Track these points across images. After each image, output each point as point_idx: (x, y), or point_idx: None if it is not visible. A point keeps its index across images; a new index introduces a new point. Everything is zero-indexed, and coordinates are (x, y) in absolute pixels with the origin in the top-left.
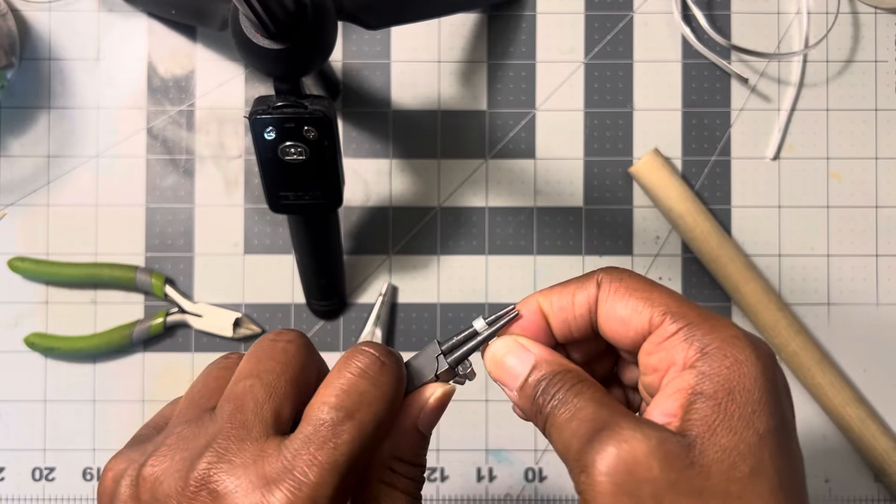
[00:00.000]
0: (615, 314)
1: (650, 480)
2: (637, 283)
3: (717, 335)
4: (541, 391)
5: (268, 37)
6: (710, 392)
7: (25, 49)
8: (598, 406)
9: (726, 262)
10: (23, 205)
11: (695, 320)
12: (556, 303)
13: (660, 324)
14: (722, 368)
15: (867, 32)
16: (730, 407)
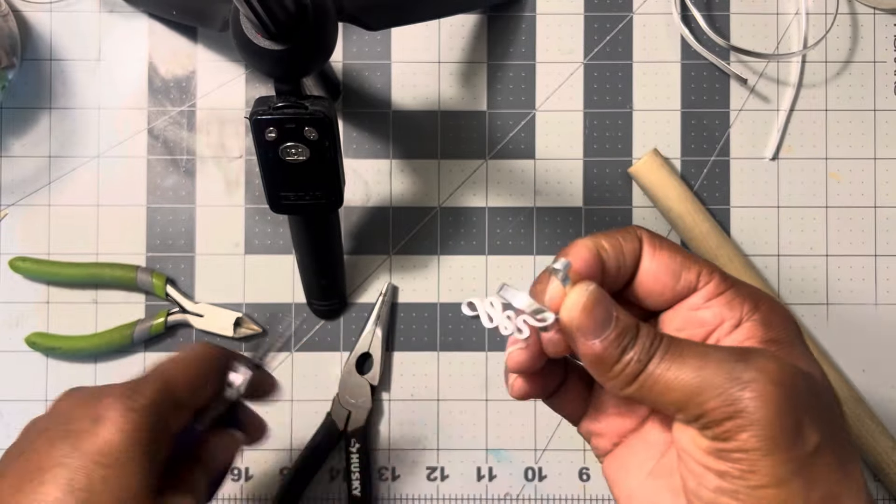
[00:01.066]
0: (664, 267)
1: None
2: (675, 245)
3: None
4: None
5: (268, 38)
6: (778, 338)
7: (27, 49)
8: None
9: (725, 262)
10: (24, 205)
11: (735, 281)
12: (610, 251)
13: (708, 281)
14: (779, 319)
15: (866, 33)
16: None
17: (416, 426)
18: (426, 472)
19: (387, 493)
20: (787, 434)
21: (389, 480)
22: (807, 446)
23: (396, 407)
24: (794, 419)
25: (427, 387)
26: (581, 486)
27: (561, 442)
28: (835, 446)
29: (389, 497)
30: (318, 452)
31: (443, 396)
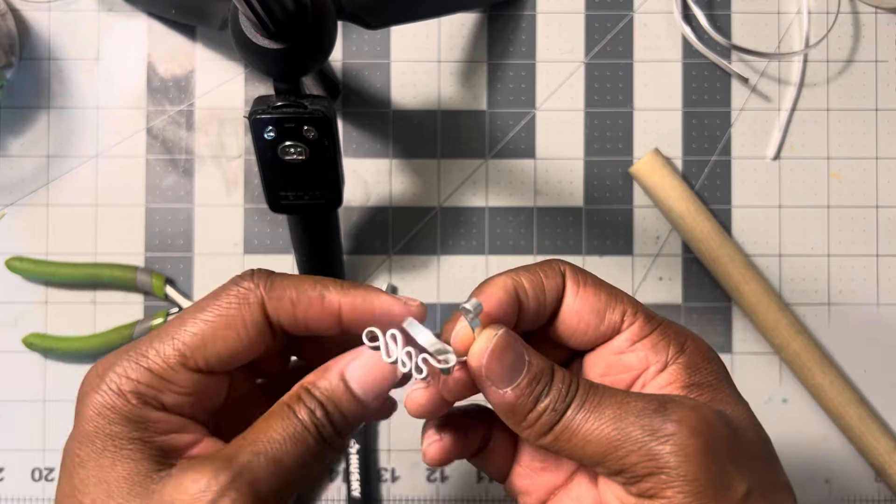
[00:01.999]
0: (588, 305)
1: (724, 440)
2: (599, 280)
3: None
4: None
5: (267, 36)
6: (702, 382)
7: (25, 49)
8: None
9: (726, 262)
10: (22, 205)
11: (661, 321)
12: (529, 289)
13: (633, 322)
14: (704, 361)
15: (868, 32)
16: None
17: (416, 427)
18: (426, 473)
19: (386, 494)
20: (713, 486)
21: (389, 481)
22: (735, 495)
23: None
24: (718, 469)
25: None
26: None
27: None
28: (765, 490)
29: (389, 498)
30: None
31: None
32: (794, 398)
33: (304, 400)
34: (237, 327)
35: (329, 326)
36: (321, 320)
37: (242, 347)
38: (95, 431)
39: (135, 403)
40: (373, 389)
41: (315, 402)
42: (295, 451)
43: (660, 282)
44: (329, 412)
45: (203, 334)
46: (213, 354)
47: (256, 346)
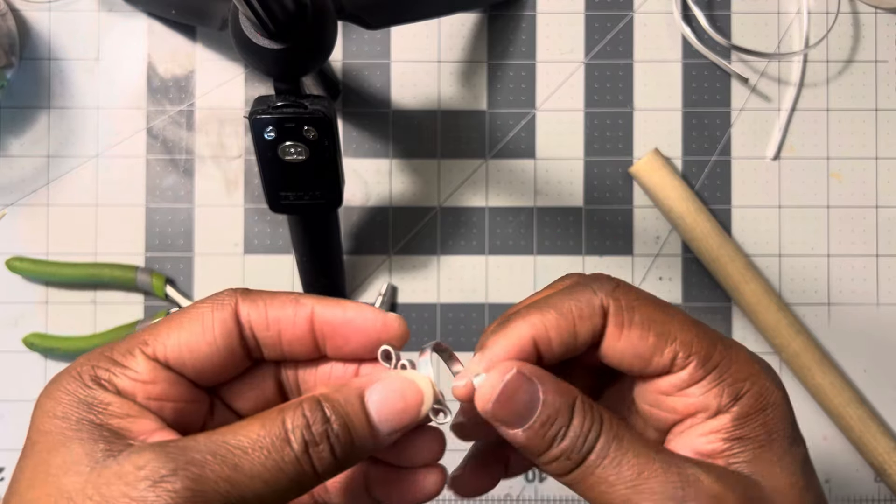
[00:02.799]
0: (632, 350)
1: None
2: (651, 311)
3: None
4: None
5: (268, 37)
6: (750, 436)
7: (25, 49)
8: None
9: (726, 263)
10: (22, 205)
11: (719, 361)
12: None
13: (683, 366)
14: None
15: (867, 32)
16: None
17: None
18: None
19: None
20: None
21: None
22: None
23: None
24: None
25: None
26: None
27: None
28: None
29: None
30: None
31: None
32: (794, 398)
33: (306, 409)
34: (203, 321)
35: (303, 336)
36: (294, 327)
37: (205, 344)
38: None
39: (89, 385)
40: (392, 420)
41: (320, 415)
42: (262, 463)
43: (660, 282)
44: (334, 431)
45: (169, 325)
46: (173, 344)
47: (223, 350)
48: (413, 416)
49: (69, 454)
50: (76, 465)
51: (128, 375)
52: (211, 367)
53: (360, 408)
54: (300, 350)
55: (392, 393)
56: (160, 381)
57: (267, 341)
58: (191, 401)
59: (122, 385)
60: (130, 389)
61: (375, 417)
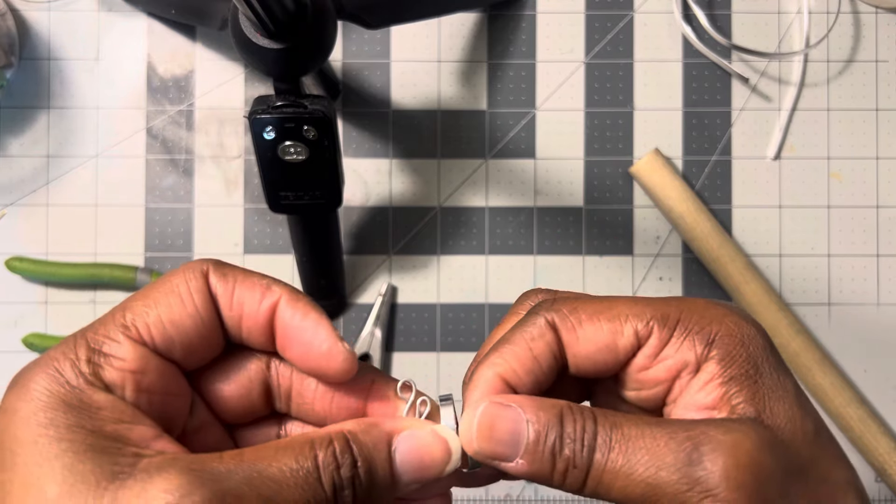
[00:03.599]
0: (594, 345)
1: (771, 476)
2: (593, 304)
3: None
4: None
5: (267, 36)
6: (740, 373)
7: (25, 49)
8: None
9: (727, 262)
10: (22, 205)
11: (679, 316)
12: (520, 369)
13: (648, 334)
14: (737, 347)
15: (868, 32)
16: (763, 380)
17: None
18: None
19: None
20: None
21: None
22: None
23: None
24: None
25: (427, 388)
26: None
27: None
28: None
29: None
30: None
31: None
32: None
33: (336, 447)
34: (180, 293)
35: (262, 326)
36: (256, 314)
37: (188, 317)
38: (24, 422)
39: (74, 382)
40: (416, 474)
41: (349, 459)
42: (294, 499)
43: (660, 282)
44: (358, 476)
45: (145, 302)
46: (155, 322)
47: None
48: (437, 474)
49: (68, 474)
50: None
51: (114, 365)
52: (198, 343)
53: (386, 456)
54: (257, 339)
55: (421, 448)
56: (150, 370)
57: (229, 322)
58: (177, 394)
59: (110, 377)
60: (119, 381)
61: (399, 468)
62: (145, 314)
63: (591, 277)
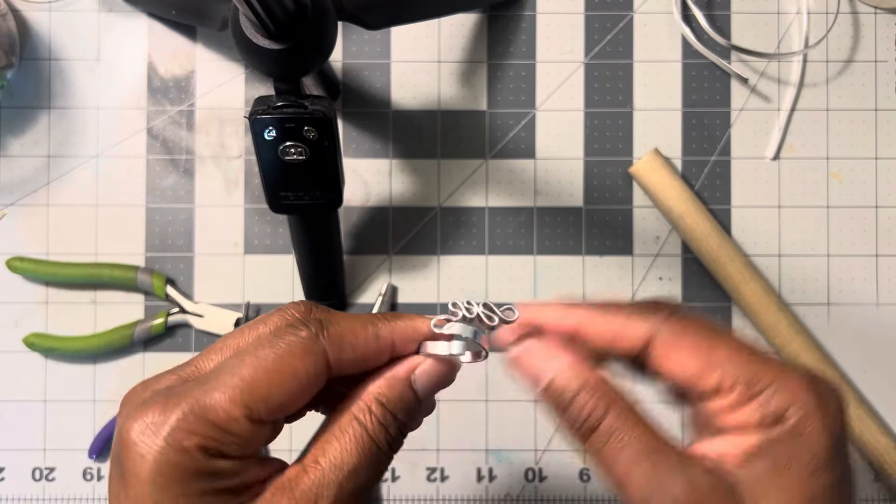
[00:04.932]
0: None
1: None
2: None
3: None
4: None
5: (268, 37)
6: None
7: (26, 49)
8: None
9: (726, 262)
10: (23, 205)
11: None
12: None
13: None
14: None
15: (867, 32)
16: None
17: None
18: (426, 472)
19: (387, 494)
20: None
21: (389, 481)
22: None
23: None
24: None
25: None
26: (581, 486)
27: (561, 443)
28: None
29: (390, 498)
30: None
31: (443, 396)
32: None
33: (377, 414)
34: (300, 378)
35: (383, 359)
36: (378, 356)
37: (304, 396)
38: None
39: (200, 458)
40: (433, 391)
41: (390, 417)
42: (373, 474)
43: (660, 282)
44: (402, 422)
45: (269, 384)
46: (276, 405)
47: (313, 393)
48: (448, 383)
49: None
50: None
51: (235, 442)
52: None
53: (412, 395)
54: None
55: (433, 377)
56: (261, 438)
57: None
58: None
59: (230, 452)
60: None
61: (422, 395)
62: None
63: (591, 277)
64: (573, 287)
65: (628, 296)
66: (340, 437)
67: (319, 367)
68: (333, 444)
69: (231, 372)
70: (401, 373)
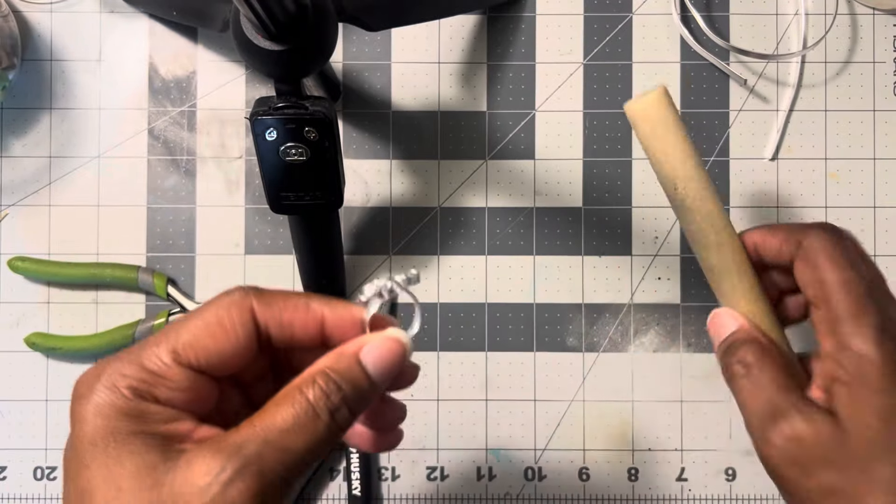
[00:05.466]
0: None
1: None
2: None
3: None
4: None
5: (268, 38)
6: (846, 379)
7: (27, 50)
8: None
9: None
10: (24, 205)
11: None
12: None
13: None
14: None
15: (865, 33)
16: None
17: (416, 426)
18: (426, 471)
19: (387, 493)
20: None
21: (389, 480)
22: None
23: None
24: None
25: (427, 387)
26: (581, 485)
27: (561, 442)
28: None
29: (389, 497)
30: None
31: (443, 396)
32: None
33: (321, 383)
34: (226, 326)
35: (312, 335)
36: (306, 327)
37: (232, 347)
38: (95, 431)
39: (130, 398)
40: (385, 370)
41: (333, 386)
42: (305, 438)
43: (659, 282)
44: (347, 395)
45: (195, 332)
46: (203, 351)
47: (245, 350)
48: (401, 363)
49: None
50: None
51: (166, 385)
52: (235, 366)
53: (360, 370)
54: (307, 344)
55: (380, 349)
56: (195, 388)
57: (278, 339)
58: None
59: (162, 396)
60: (169, 398)
61: (373, 374)
62: (194, 343)
63: (590, 277)
64: (573, 287)
65: (627, 296)
66: (280, 402)
67: (245, 319)
68: (270, 409)
69: (164, 330)
70: (349, 349)
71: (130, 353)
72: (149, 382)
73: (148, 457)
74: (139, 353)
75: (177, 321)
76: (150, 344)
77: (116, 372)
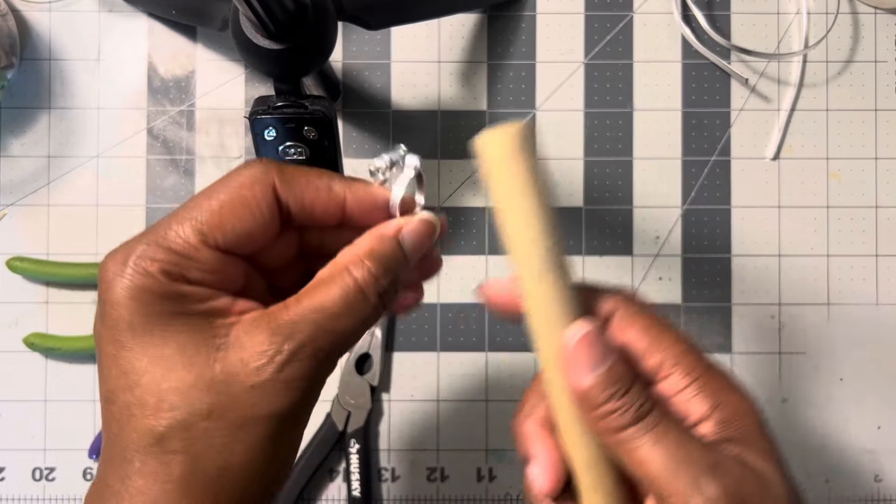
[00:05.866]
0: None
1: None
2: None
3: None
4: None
5: (268, 37)
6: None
7: (26, 49)
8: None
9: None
10: (23, 205)
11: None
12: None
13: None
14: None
15: (867, 33)
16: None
17: (416, 426)
18: (426, 472)
19: (387, 494)
20: None
21: (389, 481)
22: None
23: (396, 407)
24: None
25: (427, 387)
26: None
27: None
28: None
29: (389, 498)
30: (318, 453)
31: (443, 397)
32: (794, 398)
33: (370, 265)
34: (251, 206)
35: (333, 214)
36: (327, 206)
37: (257, 226)
38: (133, 315)
39: (164, 281)
40: (419, 251)
41: (382, 269)
42: (353, 320)
43: (659, 282)
44: (393, 277)
45: (220, 213)
46: (230, 232)
47: (269, 228)
48: (432, 241)
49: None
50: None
51: (197, 267)
52: (261, 245)
53: (400, 251)
54: (325, 223)
55: (418, 234)
56: (224, 269)
57: (298, 218)
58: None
59: (194, 277)
60: (201, 279)
61: (409, 251)
62: (220, 223)
63: (591, 277)
64: None
65: None
66: (328, 283)
67: (268, 196)
68: (320, 289)
69: (186, 207)
70: (389, 230)
71: (155, 234)
72: (180, 265)
73: (194, 336)
74: (164, 235)
75: (196, 198)
76: (173, 223)
77: (146, 256)
